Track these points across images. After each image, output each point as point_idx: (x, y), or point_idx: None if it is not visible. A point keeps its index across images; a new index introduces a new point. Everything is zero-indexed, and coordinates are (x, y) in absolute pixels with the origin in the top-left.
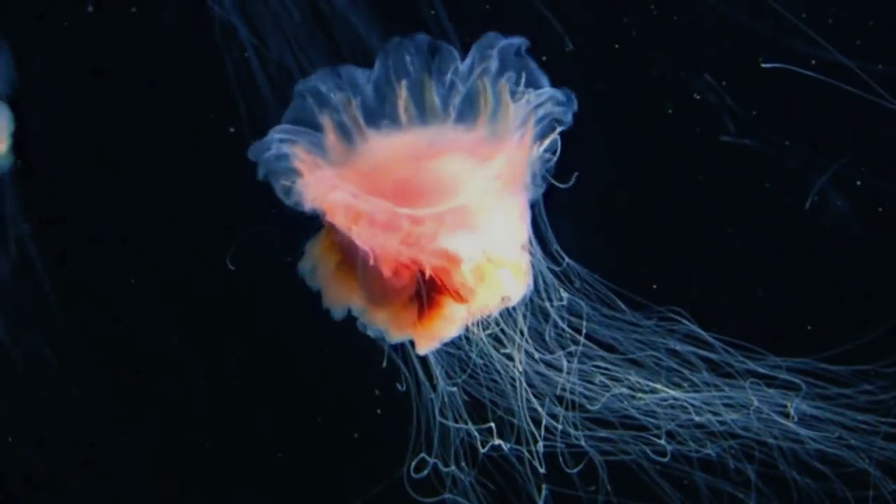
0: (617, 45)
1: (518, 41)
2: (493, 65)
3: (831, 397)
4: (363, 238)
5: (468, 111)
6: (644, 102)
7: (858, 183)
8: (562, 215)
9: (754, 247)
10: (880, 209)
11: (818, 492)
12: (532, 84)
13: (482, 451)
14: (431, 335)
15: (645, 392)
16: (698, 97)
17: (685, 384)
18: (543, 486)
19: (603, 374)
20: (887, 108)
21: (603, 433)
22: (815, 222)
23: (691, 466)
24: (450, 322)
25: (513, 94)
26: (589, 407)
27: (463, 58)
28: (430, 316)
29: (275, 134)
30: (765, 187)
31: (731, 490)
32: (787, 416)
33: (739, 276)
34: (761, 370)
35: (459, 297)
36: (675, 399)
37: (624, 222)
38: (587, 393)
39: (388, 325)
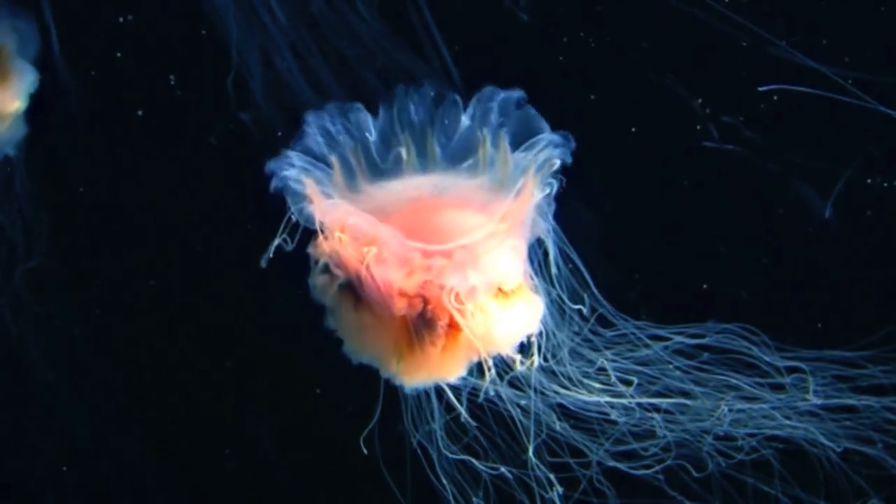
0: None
1: (517, 94)
2: (493, 117)
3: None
4: (372, 269)
5: (469, 160)
6: (627, 110)
7: (868, 181)
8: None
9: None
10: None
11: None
12: (532, 131)
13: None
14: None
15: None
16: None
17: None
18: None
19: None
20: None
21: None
22: (802, 222)
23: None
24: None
25: (512, 143)
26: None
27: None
28: (443, 346)
29: (287, 160)
30: (756, 190)
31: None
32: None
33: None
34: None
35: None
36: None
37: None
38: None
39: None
